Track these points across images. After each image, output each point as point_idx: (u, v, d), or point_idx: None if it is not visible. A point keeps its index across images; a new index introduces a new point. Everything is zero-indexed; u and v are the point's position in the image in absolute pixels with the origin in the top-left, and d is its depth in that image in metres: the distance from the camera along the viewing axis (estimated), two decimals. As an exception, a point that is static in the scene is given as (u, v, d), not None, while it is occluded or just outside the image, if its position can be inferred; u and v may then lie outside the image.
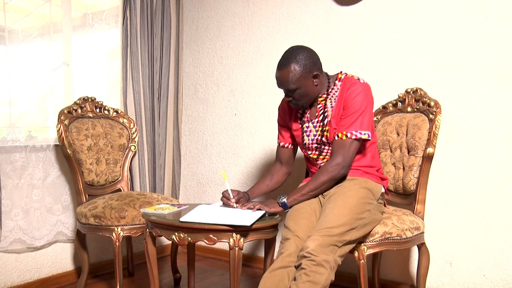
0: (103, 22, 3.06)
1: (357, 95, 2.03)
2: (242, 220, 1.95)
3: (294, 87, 2.04)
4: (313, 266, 1.76)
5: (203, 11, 3.45)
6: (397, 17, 2.62)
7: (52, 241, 2.78)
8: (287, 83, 2.04)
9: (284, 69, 2.03)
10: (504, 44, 2.31)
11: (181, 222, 2.01)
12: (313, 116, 2.17)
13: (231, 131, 3.34)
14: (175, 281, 2.85)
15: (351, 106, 2.03)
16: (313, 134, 2.17)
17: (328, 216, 1.90)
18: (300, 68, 2.01)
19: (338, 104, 2.08)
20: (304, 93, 2.07)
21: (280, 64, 2.06)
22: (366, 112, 2.04)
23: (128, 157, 2.93)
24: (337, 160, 2.03)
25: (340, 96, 2.09)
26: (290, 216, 2.05)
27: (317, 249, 1.78)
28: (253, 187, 2.34)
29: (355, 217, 1.91)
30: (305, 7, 2.96)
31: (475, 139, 2.40)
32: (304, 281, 1.75)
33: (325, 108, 2.13)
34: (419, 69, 2.55)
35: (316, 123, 2.15)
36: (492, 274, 2.37)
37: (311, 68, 2.04)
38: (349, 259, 2.09)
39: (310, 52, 2.07)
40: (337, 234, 1.84)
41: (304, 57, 2.03)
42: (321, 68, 2.11)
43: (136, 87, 3.12)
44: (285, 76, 2.03)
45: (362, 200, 1.98)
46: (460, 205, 2.45)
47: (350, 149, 2.03)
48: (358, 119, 2.02)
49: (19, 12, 2.74)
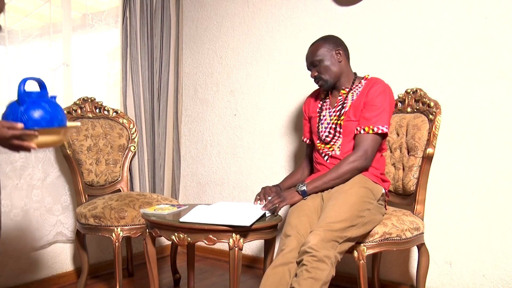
0: (102, 22, 3.06)
1: (381, 92, 2.14)
2: (242, 220, 1.95)
3: (318, 58, 2.23)
4: (315, 262, 1.77)
5: (203, 11, 3.45)
6: (397, 17, 2.62)
7: (52, 241, 2.78)
8: (312, 55, 2.26)
9: (312, 46, 2.29)
10: (504, 44, 2.31)
11: (181, 223, 2.01)
12: (332, 105, 2.28)
13: (231, 132, 3.33)
14: (175, 281, 2.85)
15: (376, 102, 2.13)
16: (326, 122, 2.26)
17: (330, 212, 1.93)
18: (325, 44, 2.25)
19: (359, 97, 2.18)
20: (327, 67, 2.23)
21: (310, 45, 2.32)
22: (389, 110, 2.15)
23: (128, 157, 2.93)
24: (360, 152, 2.10)
25: (363, 91, 2.19)
26: (292, 212, 2.07)
27: (318, 244, 1.79)
28: (285, 180, 2.44)
29: (356, 215, 1.93)
30: (305, 8, 2.96)
31: (475, 140, 2.40)
32: (306, 277, 1.76)
33: (345, 99, 2.23)
34: (419, 69, 2.55)
35: (333, 112, 2.25)
36: (492, 274, 2.37)
37: (335, 45, 2.25)
38: (349, 259, 2.09)
39: (338, 38, 2.31)
40: (338, 229, 1.86)
41: (331, 37, 2.29)
42: (346, 51, 2.28)
43: (136, 88, 3.12)
44: (312, 50, 2.27)
45: (362, 199, 2.00)
46: (460, 205, 2.45)
47: (372, 142, 2.12)
48: (381, 114, 2.12)
49: (19, 12, 2.74)
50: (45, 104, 1.48)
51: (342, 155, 2.18)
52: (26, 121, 1.44)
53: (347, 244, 1.92)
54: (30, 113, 1.45)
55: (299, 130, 2.99)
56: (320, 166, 2.27)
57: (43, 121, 1.45)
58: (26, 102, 1.46)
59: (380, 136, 2.14)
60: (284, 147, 3.07)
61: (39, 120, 1.45)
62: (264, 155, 3.16)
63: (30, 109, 1.45)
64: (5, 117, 1.48)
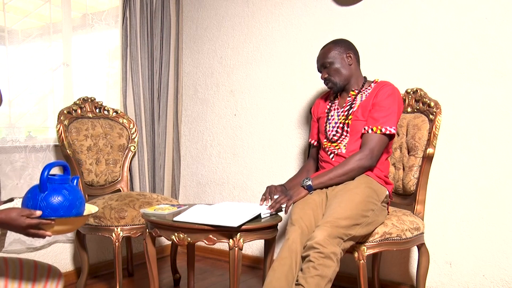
0: (102, 22, 3.06)
1: (391, 95, 2.17)
2: (230, 221, 1.95)
3: (329, 61, 2.26)
4: (321, 259, 1.78)
5: (203, 11, 3.45)
6: (397, 17, 2.62)
7: (52, 241, 2.78)
8: (323, 58, 2.29)
9: (324, 48, 2.32)
10: (504, 44, 2.31)
11: (174, 222, 2.03)
12: (341, 106, 2.30)
13: (230, 132, 3.33)
14: (175, 281, 2.85)
15: (385, 104, 2.15)
16: (334, 122, 2.29)
17: (336, 209, 1.94)
18: (337, 46, 2.29)
19: (368, 98, 2.21)
20: (338, 69, 2.26)
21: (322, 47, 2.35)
22: (397, 112, 2.17)
23: (128, 157, 2.93)
24: (366, 151, 2.12)
25: (372, 92, 2.22)
26: (297, 205, 2.09)
27: (326, 240, 1.80)
28: (290, 181, 2.43)
29: (360, 214, 1.94)
30: (305, 8, 2.96)
31: (475, 140, 2.40)
32: (313, 275, 1.77)
33: (354, 100, 2.25)
34: (419, 69, 2.55)
35: (341, 112, 2.27)
36: (492, 274, 2.37)
37: (346, 48, 2.28)
38: (349, 259, 2.09)
39: (349, 42, 2.34)
40: (344, 226, 1.88)
41: (343, 41, 2.32)
42: (356, 54, 2.31)
43: (136, 88, 3.12)
44: (323, 52, 2.30)
45: (367, 199, 2.01)
46: (460, 205, 2.45)
47: (379, 142, 2.13)
48: (389, 115, 2.14)
49: (19, 12, 2.74)
50: (65, 192, 1.48)
51: (348, 154, 2.19)
52: (44, 208, 1.44)
53: (349, 243, 1.93)
54: (50, 200, 1.45)
55: (299, 130, 2.99)
56: (325, 164, 2.28)
57: (61, 209, 1.45)
58: (48, 189, 1.46)
59: (387, 136, 2.15)
60: (284, 147, 3.07)
61: (57, 208, 1.45)
62: (264, 155, 3.16)
63: (49, 196, 1.45)
64: (25, 202, 1.48)
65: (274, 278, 1.85)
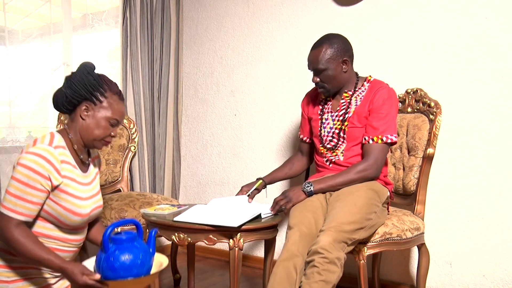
0: (103, 22, 3.06)
1: (387, 99, 2.10)
2: (231, 221, 1.95)
3: (322, 68, 2.10)
4: (326, 264, 1.77)
5: (203, 12, 3.45)
6: (397, 18, 2.62)
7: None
8: (316, 63, 2.11)
9: (316, 49, 2.12)
10: (504, 44, 2.31)
11: (174, 222, 2.03)
12: (334, 109, 2.22)
13: (231, 132, 3.33)
14: (175, 281, 2.85)
15: (382, 110, 2.09)
16: (329, 127, 2.21)
17: (339, 213, 1.91)
18: (331, 50, 2.10)
19: (364, 103, 2.13)
20: (332, 77, 2.12)
21: (313, 45, 2.16)
22: (395, 117, 2.13)
23: (128, 157, 2.93)
24: (370, 161, 2.07)
25: (367, 96, 2.14)
26: (296, 207, 2.07)
27: (330, 245, 1.79)
28: (271, 173, 2.42)
29: (364, 217, 1.92)
30: (305, 8, 2.96)
31: (475, 140, 2.40)
32: (317, 280, 1.75)
33: (349, 104, 2.17)
34: (419, 69, 2.55)
35: (336, 116, 2.20)
36: (492, 274, 2.37)
37: (342, 53, 2.11)
38: (349, 260, 2.09)
39: (344, 40, 2.16)
40: (348, 231, 1.86)
41: (337, 42, 2.12)
42: (351, 57, 2.17)
43: (136, 88, 3.12)
44: (316, 55, 2.11)
45: (370, 201, 1.99)
46: (460, 205, 2.45)
47: (382, 152, 2.09)
48: (388, 122, 2.09)
49: (19, 12, 2.74)
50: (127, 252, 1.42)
51: (345, 161, 2.16)
52: (104, 270, 1.41)
53: (352, 246, 1.93)
54: (110, 262, 1.41)
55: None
56: (323, 169, 2.26)
57: (121, 270, 1.41)
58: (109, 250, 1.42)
59: (388, 145, 2.12)
60: (284, 147, 3.07)
61: (117, 270, 1.40)
62: (264, 155, 3.16)
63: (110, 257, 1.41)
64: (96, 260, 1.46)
65: (275, 282, 1.84)
